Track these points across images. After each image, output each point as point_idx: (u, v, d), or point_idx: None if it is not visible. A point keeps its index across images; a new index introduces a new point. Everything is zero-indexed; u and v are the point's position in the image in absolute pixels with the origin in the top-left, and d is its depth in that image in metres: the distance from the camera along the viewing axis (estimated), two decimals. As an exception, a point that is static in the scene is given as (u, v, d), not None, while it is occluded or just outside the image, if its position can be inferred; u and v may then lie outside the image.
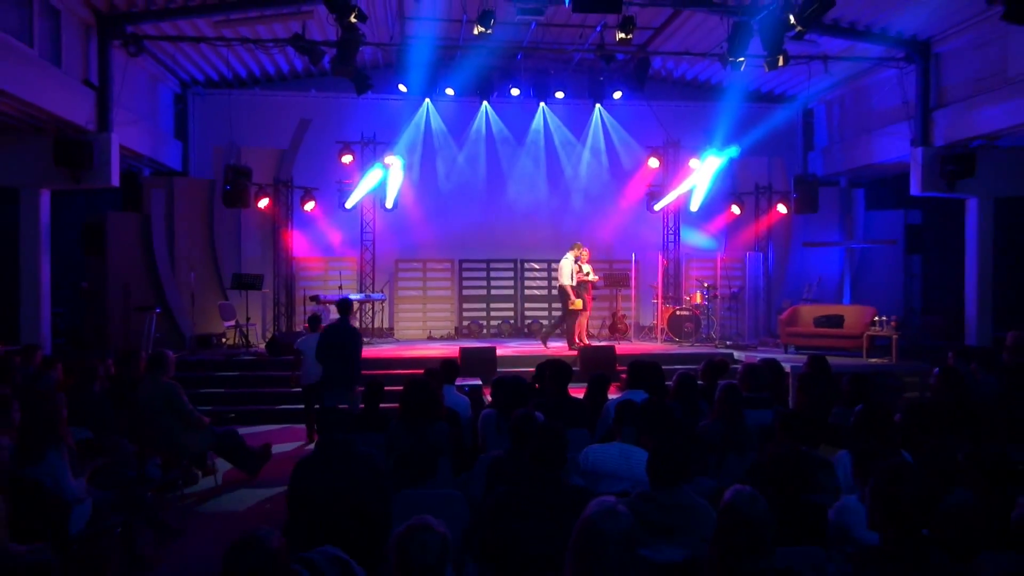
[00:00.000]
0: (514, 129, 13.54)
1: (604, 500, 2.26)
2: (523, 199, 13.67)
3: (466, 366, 9.12)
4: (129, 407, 5.84)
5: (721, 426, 4.37)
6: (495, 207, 13.52)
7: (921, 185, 10.83)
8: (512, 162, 13.62)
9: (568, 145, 13.73)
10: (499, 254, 13.56)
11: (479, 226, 13.42)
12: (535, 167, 13.67)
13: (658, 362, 5.54)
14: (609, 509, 2.20)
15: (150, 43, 10.70)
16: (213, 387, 9.32)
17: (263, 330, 12.29)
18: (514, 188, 13.64)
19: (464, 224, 13.35)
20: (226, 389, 9.36)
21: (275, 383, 9.52)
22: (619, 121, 13.60)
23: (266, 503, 5.89)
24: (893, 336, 9.43)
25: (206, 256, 12.36)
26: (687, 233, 13.48)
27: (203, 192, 12.46)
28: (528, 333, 13.25)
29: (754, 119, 13.40)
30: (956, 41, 10.49)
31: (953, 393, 4.90)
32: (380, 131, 12.74)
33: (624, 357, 9.46)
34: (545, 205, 13.68)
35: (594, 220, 13.74)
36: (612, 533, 2.13)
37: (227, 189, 10.95)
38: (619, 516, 2.19)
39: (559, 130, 13.66)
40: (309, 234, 12.90)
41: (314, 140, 12.71)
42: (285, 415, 8.87)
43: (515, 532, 2.82)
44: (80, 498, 4.16)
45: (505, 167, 13.60)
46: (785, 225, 13.52)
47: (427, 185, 13.39)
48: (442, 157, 13.42)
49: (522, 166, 13.67)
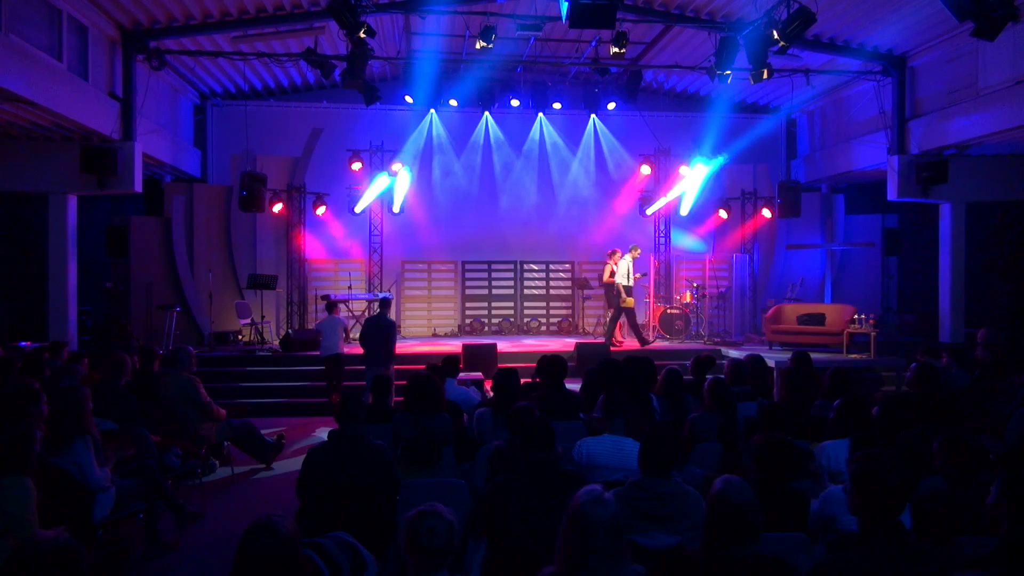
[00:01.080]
0: (513, 138, 13.54)
1: (592, 488, 2.26)
2: (522, 204, 13.66)
3: (468, 361, 9.12)
4: (152, 400, 5.83)
5: (716, 418, 4.36)
6: (496, 212, 13.51)
7: (898, 191, 10.83)
8: (512, 169, 13.61)
9: (564, 153, 13.72)
10: (500, 256, 13.55)
11: (481, 230, 13.40)
12: (533, 174, 13.65)
13: (650, 358, 5.52)
14: (597, 497, 2.19)
15: (171, 57, 10.69)
16: (230, 381, 9.31)
17: (277, 328, 12.28)
18: (513, 194, 13.63)
19: (466, 228, 13.34)
20: (242, 383, 9.35)
21: (289, 377, 9.52)
22: (613, 130, 13.59)
23: (279, 491, 5.88)
24: (871, 333, 9.42)
25: (223, 258, 12.35)
26: (677, 236, 13.47)
27: (221, 197, 12.45)
28: (527, 330, 13.25)
29: (740, 128, 13.40)
30: (930, 55, 10.48)
31: (928, 387, 4.89)
32: (387, 140, 12.73)
33: (618, 354, 9.46)
34: (543, 210, 13.66)
35: (589, 224, 13.73)
36: (600, 520, 2.13)
37: (243, 195, 10.94)
38: (606, 503, 2.18)
39: (556, 139, 13.66)
40: (320, 237, 12.89)
41: (325, 148, 12.70)
42: (298, 408, 8.86)
43: (515, 511, 2.82)
44: (105, 487, 4.16)
45: (505, 174, 13.59)
46: (770, 229, 13.52)
47: (432, 190, 13.37)
48: (446, 164, 13.40)
49: (521, 173, 13.66)
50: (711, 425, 4.39)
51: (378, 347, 7.94)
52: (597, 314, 13.18)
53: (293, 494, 3.70)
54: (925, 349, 6.44)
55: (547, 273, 13.73)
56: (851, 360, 9.18)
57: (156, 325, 10.90)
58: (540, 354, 5.39)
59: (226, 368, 9.73)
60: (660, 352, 10.33)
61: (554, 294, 13.77)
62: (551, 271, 13.79)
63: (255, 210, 11.22)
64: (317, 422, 8.36)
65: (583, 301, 13.19)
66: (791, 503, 3.00)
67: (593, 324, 12.98)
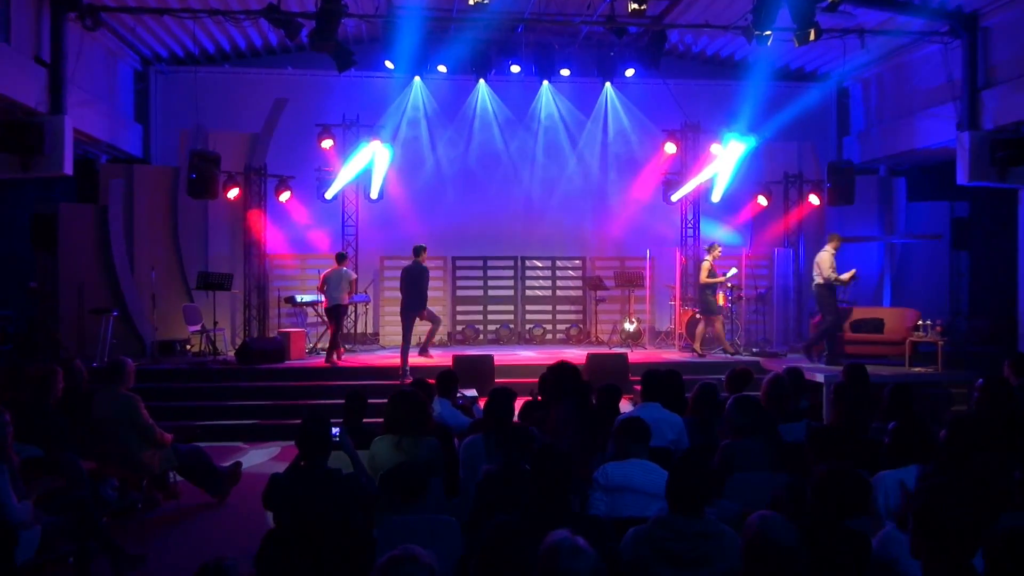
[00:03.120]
0: (514, 111, 13.54)
1: (562, 537, 2.24)
2: (524, 189, 13.68)
3: (460, 376, 9.08)
4: (84, 422, 5.82)
5: (754, 443, 4.35)
6: (492, 198, 13.51)
7: (969, 174, 10.81)
8: (512, 147, 13.62)
9: (574, 128, 13.73)
10: (497, 251, 13.57)
11: (475, 219, 13.41)
12: (537, 153, 13.67)
13: (676, 371, 5.52)
14: (570, 548, 2.18)
15: (108, 16, 10.68)
16: (177, 400, 9.30)
17: (232, 336, 12.28)
18: (513, 177, 13.64)
19: (458, 217, 13.35)
20: (191, 402, 9.34)
21: (247, 395, 9.50)
22: (632, 101, 13.60)
23: (234, 529, 5.87)
24: (938, 342, 9.40)
25: (169, 253, 12.35)
26: (708, 227, 13.47)
27: (166, 181, 12.45)
28: (530, 339, 13.25)
29: (783, 99, 13.39)
30: (1006, 14, 10.48)
31: (1001, 406, 4.88)
32: (364, 113, 12.74)
33: (638, 366, 9.46)
34: (548, 196, 13.68)
35: (603, 212, 13.73)
36: (576, 574, 2.11)
37: (192, 178, 10.94)
38: (582, 554, 2.17)
39: (564, 111, 13.67)
40: (284, 228, 12.90)
41: (290, 123, 12.70)
42: (259, 431, 8.85)
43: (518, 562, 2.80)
44: (27, 523, 4.15)
45: (504, 153, 13.59)
46: (818, 218, 13.52)
47: (417, 173, 13.37)
48: (433, 142, 13.41)
49: (523, 152, 13.67)
50: (749, 451, 4.39)
51: (414, 295, 10.23)
52: (612, 319, 13.18)
53: (249, 533, 3.71)
54: (1015, 362, 6.21)
55: (553, 271, 13.73)
56: (914, 374, 9.17)
57: (89, 332, 10.89)
58: (546, 368, 5.38)
59: (172, 384, 9.72)
60: (688, 365, 10.33)
61: (562, 296, 13.78)
62: (558, 268, 13.79)
63: (207, 196, 11.21)
64: (281, 448, 8.35)
65: (596, 304, 13.19)
66: (847, 545, 2.98)
67: (608, 332, 12.98)
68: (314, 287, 12.26)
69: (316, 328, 12.35)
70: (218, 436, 8.53)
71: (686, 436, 4.90)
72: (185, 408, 9.13)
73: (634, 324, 12.46)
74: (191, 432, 7.44)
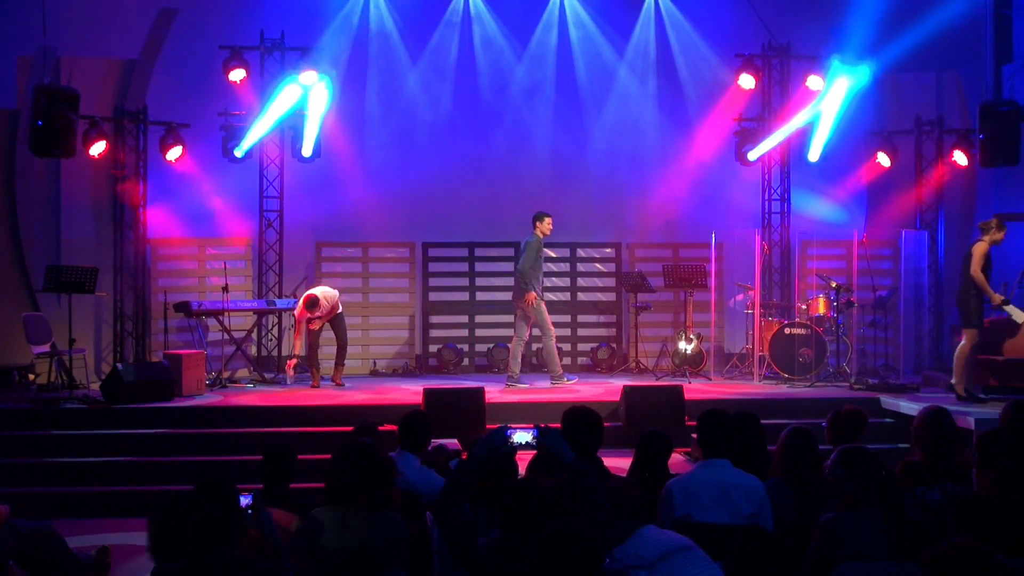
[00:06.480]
0: (513, 28, 13.59)
1: None
2: (526, 145, 13.67)
3: (435, 419, 9.10)
4: None
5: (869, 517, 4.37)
6: (480, 158, 13.55)
7: None
8: (508, 86, 13.63)
9: (602, 57, 13.73)
10: (490, 234, 13.60)
11: (454, 189, 13.46)
12: (547, 93, 13.67)
13: (753, 413, 5.53)
14: None
15: None
16: (13, 455, 9.30)
17: (97, 360, 12.29)
18: (514, 126, 13.64)
19: (430, 185, 13.37)
20: (37, 459, 9.36)
21: (119, 448, 9.50)
22: (686, 15, 13.62)
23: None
24: None
25: (2, 237, 12.35)
26: (802, 199, 13.51)
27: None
28: (537, 364, 13.23)
29: (912, 10, 13.39)
30: None
31: None
32: (292, 31, 12.77)
33: (696, 404, 9.46)
34: (566, 153, 13.69)
35: (645, 178, 13.74)
36: None
37: (39, 125, 10.93)
38: None
39: (586, 32, 13.66)
40: (174, 201, 12.92)
41: (182, 44, 12.73)
42: (133, 503, 8.84)
43: None
44: None
45: (497, 94, 13.61)
46: (966, 185, 13.56)
47: (368, 121, 13.41)
48: (394, 73, 13.42)
49: (528, 90, 13.68)
50: (861, 529, 4.41)
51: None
52: (661, 336, 13.19)
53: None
54: None
55: (572, 264, 13.76)
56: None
57: None
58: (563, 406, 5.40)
59: (7, 432, 9.73)
60: (772, 402, 10.38)
61: (586, 301, 13.82)
62: (580, 261, 13.81)
63: (60, 154, 11.20)
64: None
65: (636, 314, 13.19)
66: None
67: (654, 354, 12.99)
68: (219, 286, 12.23)
69: (221, 349, 12.34)
70: (75, 509, 8.51)
71: (769, 507, 4.92)
72: (26, 468, 9.14)
73: (692, 343, 12.44)
74: (36, 505, 7.44)
